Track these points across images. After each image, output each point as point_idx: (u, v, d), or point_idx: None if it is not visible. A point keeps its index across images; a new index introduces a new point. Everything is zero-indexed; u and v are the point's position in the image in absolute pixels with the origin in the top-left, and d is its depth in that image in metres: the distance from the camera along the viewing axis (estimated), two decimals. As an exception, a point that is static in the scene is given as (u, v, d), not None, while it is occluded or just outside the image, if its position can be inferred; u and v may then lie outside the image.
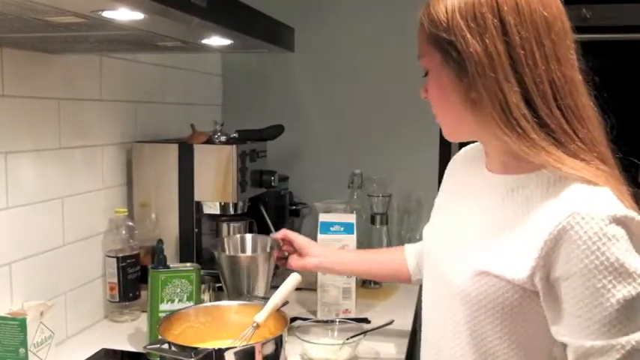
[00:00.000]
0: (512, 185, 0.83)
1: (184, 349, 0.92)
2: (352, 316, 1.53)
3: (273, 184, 1.70)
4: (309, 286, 1.61)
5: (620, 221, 0.72)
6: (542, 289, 0.76)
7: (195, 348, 0.92)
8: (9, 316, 1.14)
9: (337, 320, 1.49)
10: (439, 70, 0.83)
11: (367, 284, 1.80)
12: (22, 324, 1.13)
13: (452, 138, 0.92)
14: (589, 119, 0.80)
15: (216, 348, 0.94)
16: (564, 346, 0.77)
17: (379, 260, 1.37)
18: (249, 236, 1.48)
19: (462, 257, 0.87)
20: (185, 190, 1.54)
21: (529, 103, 0.77)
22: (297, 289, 1.19)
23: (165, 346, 0.95)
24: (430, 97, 0.88)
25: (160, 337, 0.97)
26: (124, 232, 1.49)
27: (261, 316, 1.08)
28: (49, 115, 1.31)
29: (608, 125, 0.83)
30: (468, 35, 0.76)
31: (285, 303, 1.14)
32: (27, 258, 1.25)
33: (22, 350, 1.14)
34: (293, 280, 1.13)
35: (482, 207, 0.88)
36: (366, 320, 1.52)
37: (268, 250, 1.39)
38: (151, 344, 0.93)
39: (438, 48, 0.81)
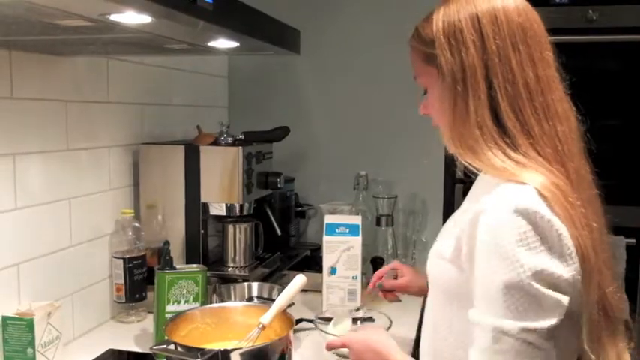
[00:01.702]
0: (478, 181, 0.93)
1: (190, 350, 0.93)
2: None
3: (278, 185, 1.71)
4: (314, 287, 1.61)
5: (521, 213, 0.75)
6: (467, 265, 0.84)
7: (202, 349, 0.93)
8: (17, 316, 1.15)
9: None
10: (435, 84, 0.89)
11: (373, 286, 1.80)
12: (29, 324, 1.14)
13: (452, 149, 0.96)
14: (563, 113, 0.85)
15: (222, 349, 0.94)
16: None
17: None
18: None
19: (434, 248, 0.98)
20: (191, 191, 1.55)
21: (495, 111, 0.83)
22: (303, 290, 1.19)
23: (172, 346, 0.95)
24: (431, 112, 0.94)
25: (166, 337, 0.97)
26: (130, 233, 1.50)
27: (266, 317, 1.09)
28: (57, 117, 1.32)
29: (587, 124, 0.88)
30: (447, 51, 0.84)
31: (291, 304, 1.14)
32: (34, 259, 1.26)
33: (30, 350, 1.15)
34: (298, 281, 1.13)
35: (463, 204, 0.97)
36: (370, 319, 1.52)
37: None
38: (157, 345, 0.94)
39: (433, 65, 0.87)
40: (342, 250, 1.54)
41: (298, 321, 1.45)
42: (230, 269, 1.61)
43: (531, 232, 0.75)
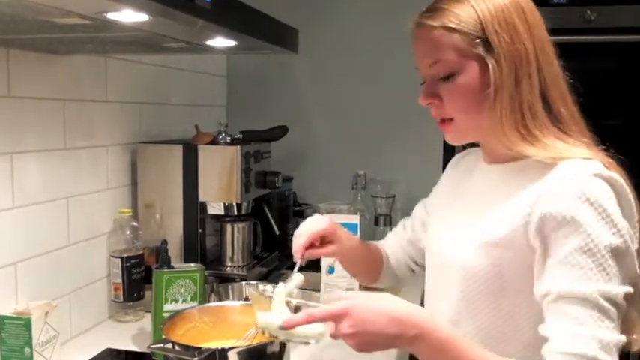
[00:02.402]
0: (511, 170, 0.89)
1: (188, 349, 0.92)
2: (356, 316, 1.54)
3: (277, 184, 1.71)
4: (312, 286, 1.61)
5: (602, 177, 0.78)
6: (536, 243, 0.81)
7: (199, 347, 0.92)
8: (14, 315, 1.15)
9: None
10: (468, 73, 0.85)
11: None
12: (27, 323, 1.14)
13: (459, 141, 0.95)
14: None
15: (219, 348, 0.94)
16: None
17: (371, 254, 1.22)
18: None
19: (463, 239, 0.90)
20: (189, 190, 1.55)
21: (546, 100, 0.84)
22: (301, 289, 1.19)
23: (169, 345, 0.95)
24: (449, 101, 0.88)
25: (163, 336, 0.97)
26: (128, 232, 1.50)
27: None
28: (55, 115, 1.32)
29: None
30: (504, 37, 0.83)
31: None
32: (32, 258, 1.26)
33: (27, 350, 1.14)
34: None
35: (481, 193, 0.93)
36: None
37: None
38: (155, 343, 0.94)
39: (469, 52, 0.84)
40: (340, 250, 1.53)
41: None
42: (228, 268, 1.61)
43: (614, 196, 0.78)
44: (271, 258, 1.77)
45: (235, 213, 1.60)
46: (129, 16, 0.79)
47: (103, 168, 1.49)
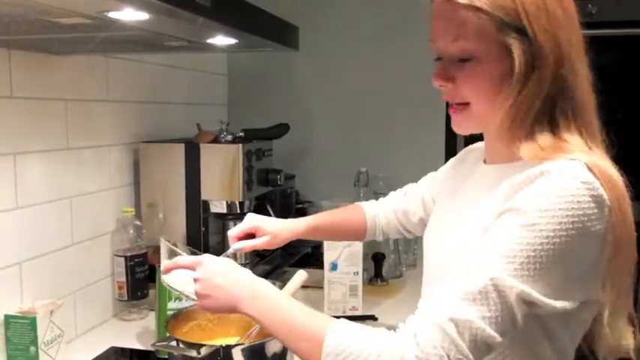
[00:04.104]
0: (508, 170, 0.82)
1: (192, 346, 0.93)
2: (359, 313, 1.54)
3: (279, 182, 1.71)
4: (315, 283, 1.62)
5: (583, 182, 0.72)
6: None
7: (203, 345, 0.93)
8: (19, 314, 1.16)
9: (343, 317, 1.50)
10: (490, 59, 0.78)
11: (374, 282, 1.80)
12: (32, 323, 1.15)
13: (464, 130, 0.88)
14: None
15: (223, 345, 0.94)
16: None
17: (336, 217, 1.30)
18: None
19: (446, 243, 0.90)
20: (192, 189, 1.55)
21: (562, 90, 0.79)
22: (304, 286, 1.19)
23: (173, 343, 0.96)
24: (464, 86, 0.82)
25: (167, 334, 0.98)
26: (131, 231, 1.50)
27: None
28: (57, 115, 1.32)
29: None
30: (544, 24, 0.76)
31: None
32: (36, 257, 1.26)
33: (32, 348, 1.15)
34: (299, 277, 1.13)
35: (473, 196, 0.89)
36: (373, 317, 1.52)
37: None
38: (159, 341, 0.94)
39: (495, 38, 0.77)
40: (343, 247, 1.54)
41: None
42: (231, 266, 1.61)
43: (587, 203, 0.72)
44: (274, 256, 1.77)
45: (238, 211, 1.60)
46: (130, 15, 0.80)
47: (105, 167, 1.50)
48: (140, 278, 1.49)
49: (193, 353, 0.89)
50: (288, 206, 2.00)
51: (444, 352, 0.70)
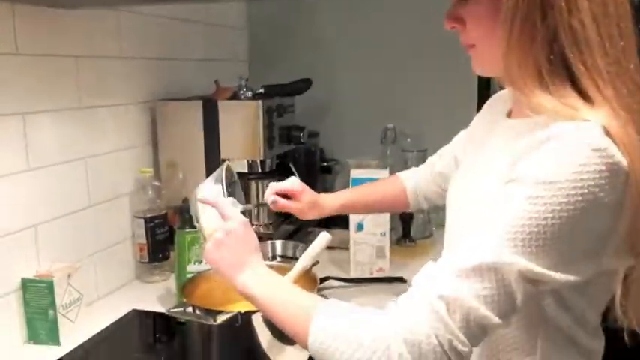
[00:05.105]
0: (522, 127, 0.75)
1: (208, 313, 0.88)
2: (386, 275, 1.49)
3: (301, 140, 1.64)
4: (341, 244, 1.56)
5: (596, 150, 0.63)
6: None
7: (220, 311, 0.88)
8: (36, 278, 1.13)
9: (370, 279, 1.45)
10: None
11: (402, 242, 1.74)
12: (49, 286, 1.12)
13: (480, 71, 0.82)
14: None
15: (241, 311, 0.90)
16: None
17: (376, 192, 1.30)
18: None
19: (462, 199, 0.86)
20: (211, 148, 1.50)
21: (575, 39, 0.68)
22: (329, 247, 1.14)
23: (190, 309, 0.91)
24: (470, 26, 0.77)
25: (184, 300, 0.93)
26: (150, 192, 1.46)
27: (289, 277, 1.03)
28: (67, 73, 1.26)
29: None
30: None
31: (315, 263, 1.09)
32: (52, 220, 1.23)
33: (51, 312, 1.13)
34: (323, 239, 1.07)
35: (494, 155, 0.81)
36: (401, 279, 1.47)
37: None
38: (175, 307, 0.90)
39: None
40: (369, 206, 1.47)
41: (324, 279, 1.41)
42: (254, 227, 1.54)
43: (599, 173, 0.63)
44: (298, 216, 1.72)
45: (259, 170, 1.55)
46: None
47: (121, 127, 1.44)
48: (160, 240, 1.46)
49: (210, 321, 0.85)
50: (312, 165, 1.93)
51: (432, 332, 0.64)
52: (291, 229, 1.67)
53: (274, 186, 1.17)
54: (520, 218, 0.64)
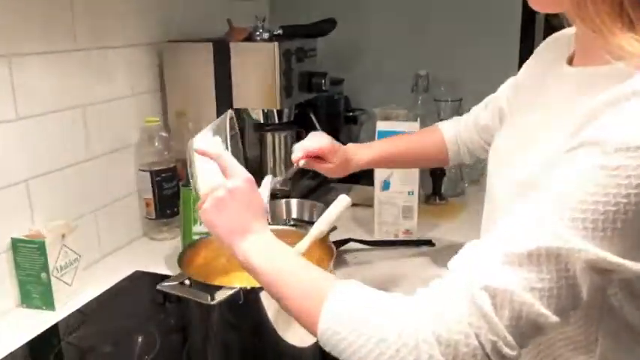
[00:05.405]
0: (591, 81, 0.60)
1: (206, 288, 0.76)
2: (413, 237, 1.36)
3: (323, 87, 1.49)
4: (365, 201, 1.43)
5: None
6: None
7: (219, 287, 0.76)
8: (26, 238, 1.03)
9: (395, 242, 1.33)
10: None
11: (431, 200, 1.60)
12: (41, 247, 1.02)
13: (541, 7, 0.65)
14: None
15: (247, 287, 0.77)
16: None
17: (414, 145, 1.15)
18: None
19: (504, 171, 0.72)
20: (223, 96, 1.36)
21: None
22: (353, 205, 1.00)
23: (187, 281, 0.80)
24: None
25: (179, 272, 0.82)
26: (157, 143, 1.34)
27: (302, 246, 0.91)
28: (60, 10, 1.12)
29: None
30: None
31: (333, 229, 0.96)
32: (47, 174, 1.12)
33: (43, 275, 1.03)
34: (341, 203, 0.93)
35: (550, 112, 0.66)
36: (429, 242, 1.34)
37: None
38: (169, 280, 0.78)
39: None
40: (396, 162, 1.33)
41: (344, 241, 1.29)
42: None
43: None
44: (319, 170, 1.58)
45: (276, 121, 1.41)
46: None
47: (123, 71, 1.31)
48: (168, 195, 1.35)
49: (206, 298, 0.73)
50: (336, 115, 1.78)
51: (472, 330, 0.51)
52: (312, 184, 1.54)
53: (305, 147, 1.04)
54: (592, 194, 0.50)
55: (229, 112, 0.89)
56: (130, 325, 1.01)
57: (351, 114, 1.86)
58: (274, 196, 1.39)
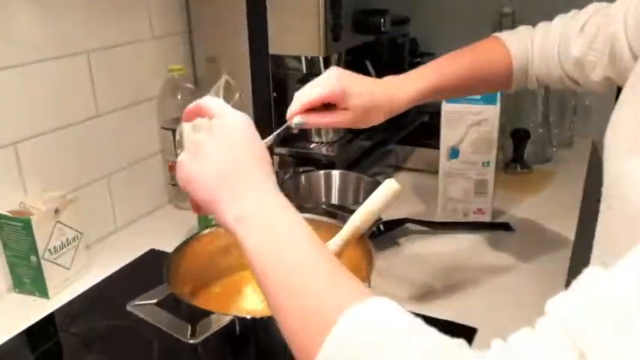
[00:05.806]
0: None
1: (188, 315, 0.55)
2: (486, 219, 1.10)
3: (383, 28, 1.21)
4: (430, 167, 1.19)
5: None
6: None
7: (207, 313, 0.55)
8: (10, 215, 0.86)
9: (464, 224, 1.08)
10: None
11: (511, 169, 1.33)
12: (26, 225, 0.85)
13: None
14: None
15: (254, 317, 0.55)
16: None
17: (475, 68, 0.85)
18: None
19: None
20: (257, 39, 1.12)
21: None
22: (415, 170, 0.74)
23: (171, 299, 0.59)
24: None
25: (166, 284, 0.61)
26: (181, 96, 1.14)
27: (333, 245, 0.69)
28: None
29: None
30: None
31: (377, 221, 0.73)
32: (42, 135, 0.94)
33: (33, 257, 0.87)
34: (386, 190, 0.69)
35: None
36: (507, 226, 1.08)
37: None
38: (140, 298, 0.57)
39: None
40: (469, 125, 1.07)
41: (400, 222, 1.05)
42: (313, 146, 1.21)
43: None
44: (375, 130, 1.33)
45: (322, 70, 1.16)
46: None
47: (141, 10, 1.10)
48: (195, 158, 1.15)
49: (185, 334, 0.52)
50: (400, 62, 1.49)
51: None
52: (366, 145, 1.29)
53: (300, 99, 0.72)
54: None
55: (224, 77, 0.68)
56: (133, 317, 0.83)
57: (418, 60, 1.57)
58: (318, 161, 1.16)
